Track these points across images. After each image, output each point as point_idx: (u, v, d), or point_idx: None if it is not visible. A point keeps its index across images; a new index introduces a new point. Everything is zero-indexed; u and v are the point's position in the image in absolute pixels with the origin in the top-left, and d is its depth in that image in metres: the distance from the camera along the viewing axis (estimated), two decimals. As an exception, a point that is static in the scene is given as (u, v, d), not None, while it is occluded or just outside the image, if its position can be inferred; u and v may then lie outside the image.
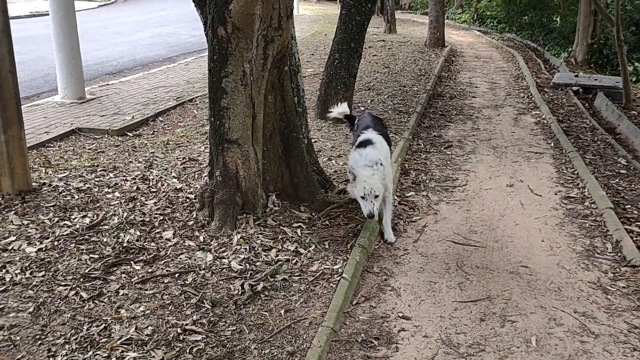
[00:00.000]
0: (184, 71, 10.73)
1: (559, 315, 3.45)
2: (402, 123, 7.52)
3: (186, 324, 3.15)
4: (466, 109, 8.87)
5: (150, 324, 3.14)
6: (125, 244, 3.93)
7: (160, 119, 7.38)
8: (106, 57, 12.36)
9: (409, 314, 3.44)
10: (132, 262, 3.75)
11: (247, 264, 3.78)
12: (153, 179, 5.14)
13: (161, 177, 5.21)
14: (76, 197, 4.68)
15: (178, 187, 4.97)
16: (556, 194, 5.40)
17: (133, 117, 7.15)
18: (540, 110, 8.76)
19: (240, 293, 3.47)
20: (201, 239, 4.09)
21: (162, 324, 3.15)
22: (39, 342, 2.96)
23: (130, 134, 6.64)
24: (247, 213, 4.36)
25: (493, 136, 7.36)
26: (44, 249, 3.84)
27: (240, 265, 3.76)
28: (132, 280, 3.55)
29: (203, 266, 3.74)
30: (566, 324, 3.38)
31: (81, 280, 3.52)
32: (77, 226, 4.16)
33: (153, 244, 3.99)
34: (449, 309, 3.50)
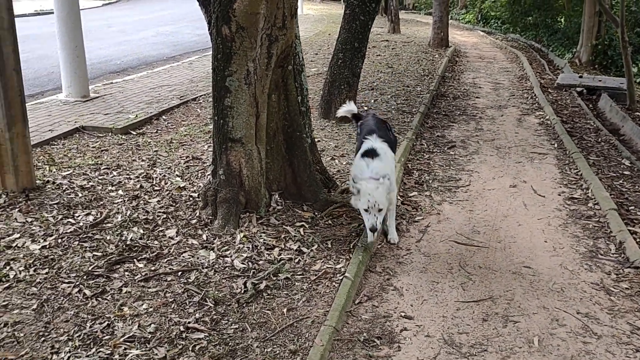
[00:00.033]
0: (188, 70, 10.74)
1: (561, 316, 3.45)
2: (406, 123, 7.51)
3: (189, 322, 3.16)
4: (470, 109, 8.86)
5: (153, 322, 3.15)
6: (128, 242, 3.94)
7: (163, 117, 7.40)
8: (110, 55, 12.39)
9: (411, 313, 3.44)
10: (135, 260, 3.76)
11: (249, 263, 3.79)
12: (156, 178, 5.16)
13: (164, 175, 5.22)
14: (80, 195, 4.70)
15: (181, 185, 4.98)
16: (559, 194, 5.39)
17: (137, 116, 7.17)
18: (544, 111, 8.75)
19: (242, 291, 3.48)
20: (204, 237, 4.10)
21: (164, 322, 3.16)
22: (42, 339, 2.98)
23: (134, 133, 6.65)
24: (250, 212, 4.37)
25: (496, 137, 7.35)
26: (47, 247, 3.85)
27: (243, 263, 3.77)
28: (135, 278, 3.56)
29: (206, 264, 3.75)
30: (569, 324, 3.37)
31: (84, 277, 3.53)
32: (81, 224, 4.17)
33: (156, 242, 4.00)
34: (451, 309, 3.50)
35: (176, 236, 4.09)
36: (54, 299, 3.32)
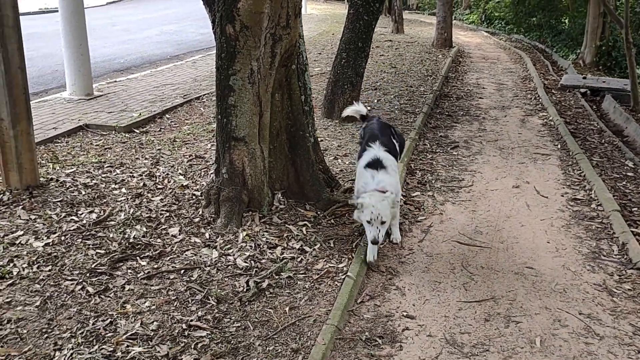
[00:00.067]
0: (191, 69, 10.76)
1: (563, 317, 3.45)
2: (409, 123, 7.51)
3: (191, 320, 3.17)
4: (473, 109, 8.85)
5: (155, 319, 3.16)
6: (131, 240, 3.95)
7: (167, 116, 7.41)
8: (114, 54, 12.42)
9: (413, 313, 3.44)
10: (138, 257, 3.77)
11: (252, 261, 3.79)
12: (159, 176, 5.17)
13: (168, 174, 5.23)
14: (83, 192, 4.71)
15: (184, 184, 4.99)
16: (562, 195, 5.38)
17: (140, 114, 7.18)
18: (548, 112, 8.73)
19: (245, 290, 3.48)
20: (207, 235, 4.10)
21: (167, 320, 3.17)
22: (45, 336, 2.99)
23: (137, 131, 6.67)
24: (253, 211, 4.37)
25: (500, 137, 7.34)
26: (51, 244, 3.86)
27: (245, 262, 3.78)
28: (138, 276, 3.57)
29: (208, 263, 3.76)
30: (571, 325, 3.37)
31: (87, 275, 3.54)
32: (84, 221, 4.19)
33: (159, 240, 4.01)
34: (453, 309, 3.50)
35: (179, 234, 4.10)
36: (57, 296, 3.33)
